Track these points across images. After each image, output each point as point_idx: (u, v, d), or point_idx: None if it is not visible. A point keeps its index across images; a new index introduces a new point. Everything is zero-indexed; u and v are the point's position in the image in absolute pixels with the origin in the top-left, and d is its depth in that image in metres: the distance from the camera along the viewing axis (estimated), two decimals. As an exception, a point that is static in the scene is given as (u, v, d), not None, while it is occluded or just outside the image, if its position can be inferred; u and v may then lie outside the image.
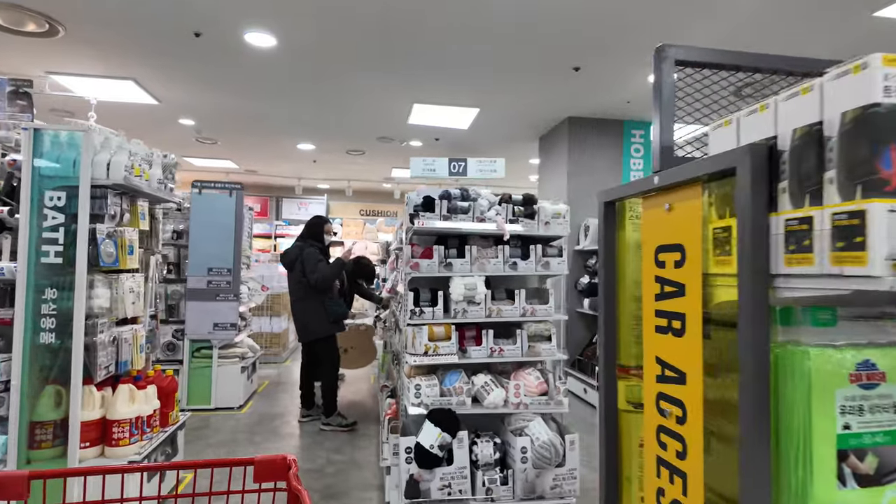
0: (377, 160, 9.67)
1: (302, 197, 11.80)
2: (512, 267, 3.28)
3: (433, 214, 3.24)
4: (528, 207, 3.34)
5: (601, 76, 5.48)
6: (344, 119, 7.25)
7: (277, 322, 8.05)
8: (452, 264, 3.22)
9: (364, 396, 6.44)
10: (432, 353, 3.14)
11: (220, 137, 8.45)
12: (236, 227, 5.92)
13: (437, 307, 3.19)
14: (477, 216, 3.29)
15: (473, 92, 6.07)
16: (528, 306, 3.28)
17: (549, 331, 3.31)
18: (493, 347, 3.22)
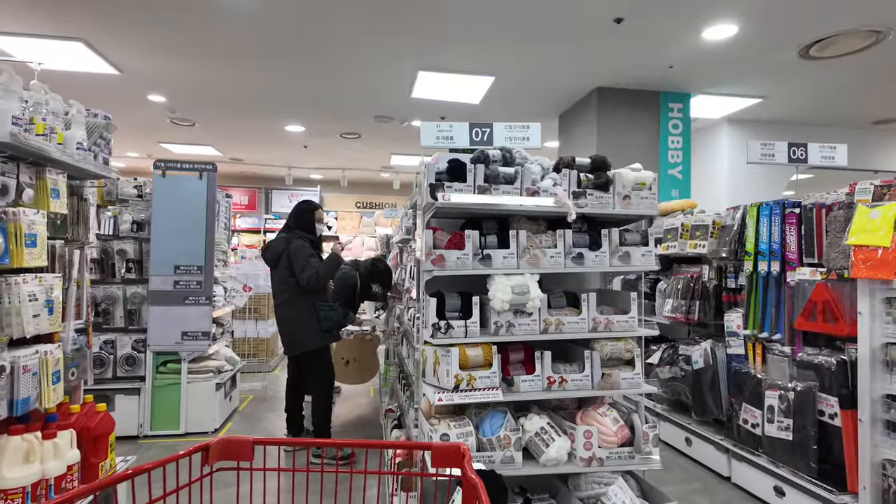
0: (374, 145, 8.58)
1: (293, 188, 10.70)
2: (576, 260, 2.24)
3: (464, 185, 2.19)
4: (598, 175, 2.29)
5: (647, 30, 4.43)
6: (337, 93, 6.17)
7: (264, 326, 6.98)
8: (492, 257, 2.18)
9: (364, 415, 5.38)
10: (466, 388, 2.09)
11: (197, 118, 7.35)
12: (208, 217, 4.84)
13: (470, 319, 2.15)
14: (526, 188, 2.24)
15: (490, 54, 5.01)
16: (600, 317, 2.24)
17: (630, 352, 2.27)
18: (552, 377, 2.18)
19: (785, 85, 5.51)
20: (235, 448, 0.84)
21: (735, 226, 3.96)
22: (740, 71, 5.21)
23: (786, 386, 3.35)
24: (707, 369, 4.12)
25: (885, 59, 4.77)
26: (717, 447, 3.88)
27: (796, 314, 3.37)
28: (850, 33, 4.33)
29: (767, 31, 4.32)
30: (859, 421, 2.90)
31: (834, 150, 3.89)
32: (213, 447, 0.83)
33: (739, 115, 6.59)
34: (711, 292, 4.26)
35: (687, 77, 5.45)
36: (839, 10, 3.95)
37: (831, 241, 3.18)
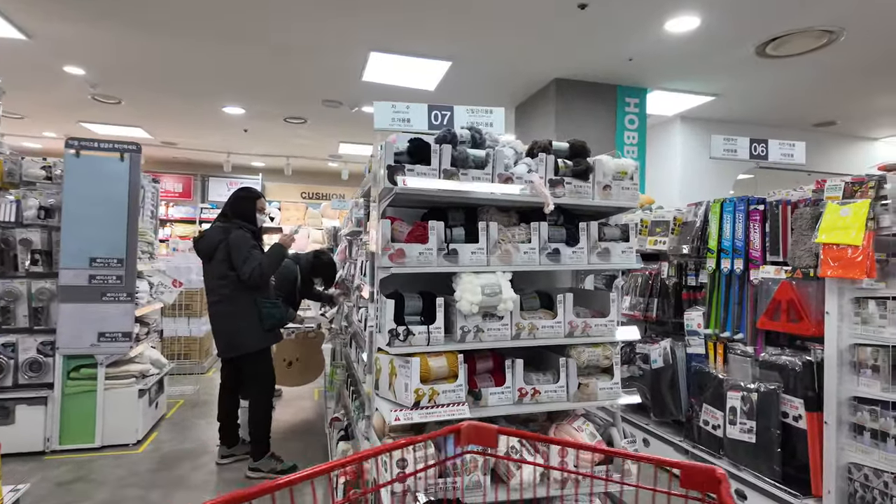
0: (322, 132, 8.10)
1: (232, 175, 10.02)
2: (552, 257, 1.98)
3: (427, 168, 1.88)
4: (578, 161, 2.03)
5: (611, 18, 4.25)
6: (281, 73, 5.68)
7: (196, 324, 6.41)
8: (459, 253, 1.88)
9: (308, 420, 4.98)
10: (427, 405, 1.79)
11: (122, 95, 6.63)
12: (131, 203, 4.29)
13: (434, 324, 1.84)
14: (499, 173, 1.95)
15: (447, 37, 4.70)
16: (577, 320, 1.99)
17: (609, 359, 2.04)
18: (524, 388, 1.92)
19: (739, 83, 5.51)
20: (484, 434, 0.86)
21: (697, 222, 3.86)
22: (698, 67, 5.15)
23: (748, 387, 3.26)
24: (666, 369, 4.01)
25: (835, 61, 4.82)
26: (677, 448, 3.77)
27: (759, 313, 3.28)
28: (805, 32, 4.31)
29: (729, 24, 4.24)
30: (825, 423, 2.82)
31: (793, 148, 3.84)
32: (463, 431, 0.84)
33: (692, 114, 6.60)
34: (671, 290, 4.16)
35: (645, 71, 5.35)
36: (798, 6, 3.90)
37: (797, 239, 3.09)
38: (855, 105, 6.09)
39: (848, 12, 3.98)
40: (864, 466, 2.66)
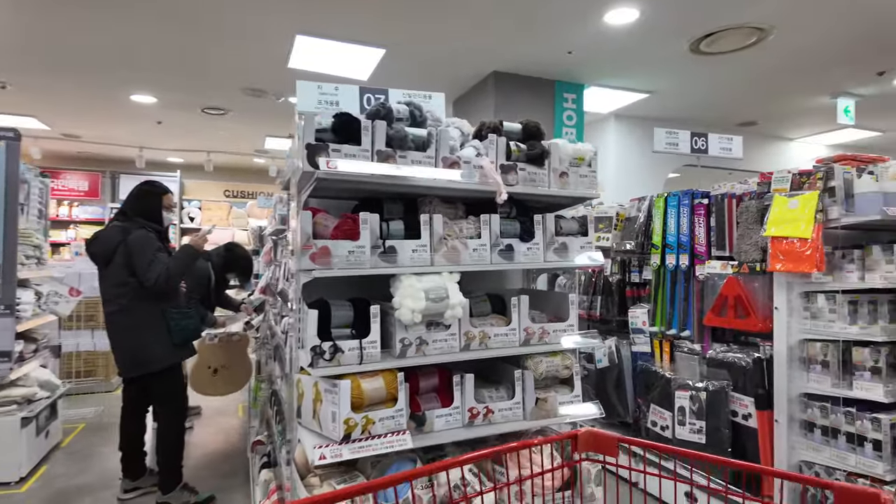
0: (246, 124, 7.48)
1: (146, 172, 9.11)
2: (505, 254, 1.70)
3: (358, 149, 1.54)
4: (532, 145, 1.76)
5: (551, 6, 4.06)
6: (195, 57, 5.11)
7: (101, 337, 5.66)
8: (398, 251, 1.56)
9: (229, 442, 4.47)
10: (360, 437, 1.46)
11: (9, 78, 5.77)
12: (9, 200, 3.63)
13: (368, 338, 1.51)
14: (443, 157, 1.65)
15: (381, 23, 4.35)
16: (533, 326, 1.72)
17: (569, 369, 1.79)
18: (475, 408, 1.63)
19: (673, 80, 5.52)
20: (602, 442, 0.79)
21: (641, 217, 3.74)
22: (634, 62, 5.09)
23: (697, 386, 3.14)
24: (612, 368, 3.87)
25: (762, 60, 4.90)
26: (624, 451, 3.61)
27: (706, 309, 3.19)
28: (738, 29, 4.32)
29: (666, 18, 4.16)
30: (775, 422, 2.74)
31: (731, 142, 3.81)
32: (580, 437, 0.78)
33: (626, 111, 6.60)
34: (615, 287, 4.03)
35: (583, 66, 5.24)
36: (731, 1, 3.88)
37: (742, 233, 2.99)
38: (776, 105, 6.30)
39: (778, 11, 4.00)
40: (816, 464, 2.58)
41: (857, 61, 4.90)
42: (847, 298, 2.46)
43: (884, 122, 6.74)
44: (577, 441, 0.86)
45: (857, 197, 2.45)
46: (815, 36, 4.41)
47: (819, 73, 5.20)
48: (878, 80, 5.28)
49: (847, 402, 2.46)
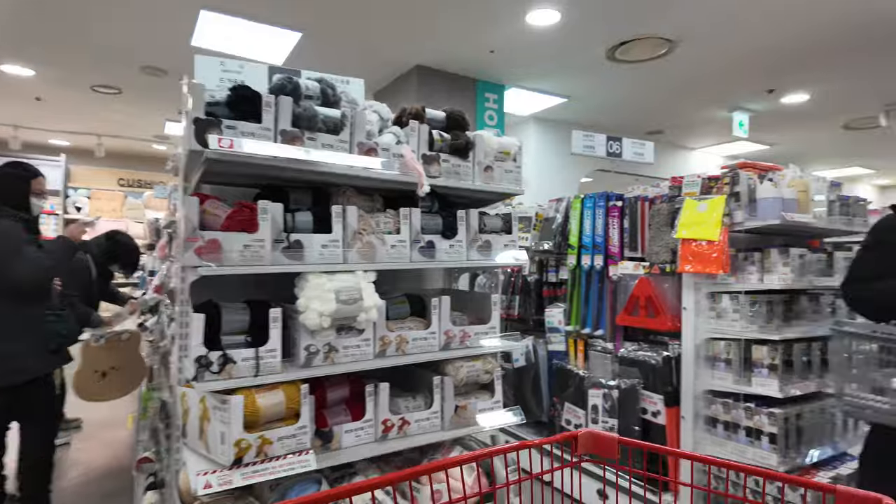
0: (143, 106, 6.77)
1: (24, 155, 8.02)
2: (426, 251, 1.56)
3: (258, 127, 1.33)
4: (456, 135, 1.63)
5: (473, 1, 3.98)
6: (82, 26, 4.51)
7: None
8: (304, 246, 1.36)
9: (114, 458, 3.97)
10: (255, 461, 1.25)
11: None
12: None
13: (266, 346, 1.31)
14: (359, 142, 1.47)
15: (297, 2, 4.06)
16: (454, 329, 1.59)
17: (490, 374, 1.68)
18: (389, 420, 1.47)
19: (590, 86, 5.65)
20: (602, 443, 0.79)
21: (559, 218, 3.76)
22: (554, 65, 5.15)
23: (609, 384, 3.18)
24: (529, 367, 3.86)
25: (671, 71, 5.13)
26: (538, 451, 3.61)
27: (619, 309, 3.25)
28: (649, 39, 4.48)
29: (586, 23, 4.23)
30: (682, 418, 2.82)
31: (643, 147, 3.93)
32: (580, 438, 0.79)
33: (544, 115, 6.71)
34: (533, 287, 4.03)
35: (504, 66, 5.23)
36: (646, 11, 4.00)
37: (654, 235, 3.06)
38: (681, 116, 6.68)
39: (684, 25, 4.19)
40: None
41: (751, 79, 5.28)
42: (748, 299, 2.56)
43: (772, 137, 7.37)
44: (577, 442, 0.86)
45: (760, 202, 2.56)
46: (716, 52, 4.68)
47: (718, 87, 5.55)
48: (768, 98, 5.73)
49: (747, 398, 2.56)
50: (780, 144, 7.85)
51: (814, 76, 5.19)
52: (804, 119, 6.50)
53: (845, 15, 3.92)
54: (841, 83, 5.35)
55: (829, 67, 4.94)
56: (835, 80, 5.26)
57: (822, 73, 5.08)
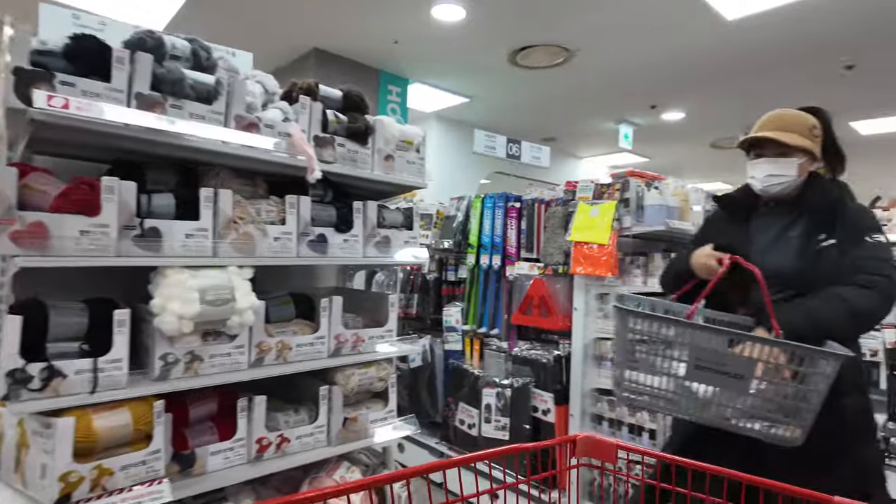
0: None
1: None
2: (316, 246, 1.38)
3: (106, 86, 1.07)
4: (354, 117, 1.47)
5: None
6: None
7: None
8: (163, 234, 1.13)
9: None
10: (89, 498, 1.01)
11: None
12: None
13: (108, 356, 1.06)
14: (237, 115, 1.26)
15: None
16: (346, 333, 1.44)
17: (384, 381, 1.54)
18: (266, 438, 1.28)
19: (491, 88, 5.70)
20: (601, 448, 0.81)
21: (460, 216, 3.71)
22: (458, 63, 5.12)
23: (502, 383, 3.19)
24: (425, 367, 3.77)
25: (567, 80, 5.32)
26: (432, 451, 3.54)
27: (514, 309, 3.26)
28: (548, 47, 4.59)
29: (490, 23, 4.22)
30: (570, 416, 2.89)
31: (540, 151, 4.01)
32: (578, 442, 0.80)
33: (446, 113, 6.68)
34: (432, 285, 3.95)
35: (409, 60, 5.10)
36: (547, 18, 4.08)
37: (549, 237, 3.11)
38: (574, 124, 6.99)
39: (582, 35, 4.34)
40: (602, 453, 2.77)
41: (637, 94, 5.64)
42: (634, 301, 2.66)
43: (652, 150, 7.97)
44: (576, 446, 0.88)
45: (647, 209, 2.68)
46: (609, 65, 4.92)
47: (608, 99, 5.86)
48: (650, 113, 6.16)
49: (631, 396, 2.66)
50: (657, 157, 8.53)
51: (690, 96, 5.66)
52: (679, 135, 7.10)
53: (723, 42, 4.29)
54: (712, 104, 5.90)
55: (703, 89, 5.41)
56: (707, 101, 5.78)
57: (697, 93, 5.55)
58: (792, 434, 1.00)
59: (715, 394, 1.03)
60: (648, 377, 1.10)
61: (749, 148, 1.45)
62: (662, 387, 1.09)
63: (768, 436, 1.01)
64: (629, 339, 1.10)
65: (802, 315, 1.18)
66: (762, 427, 1.02)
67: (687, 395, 1.06)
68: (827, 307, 1.19)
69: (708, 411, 1.05)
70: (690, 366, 1.04)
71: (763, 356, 1.01)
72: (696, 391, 1.04)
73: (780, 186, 1.36)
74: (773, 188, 1.37)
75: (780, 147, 1.35)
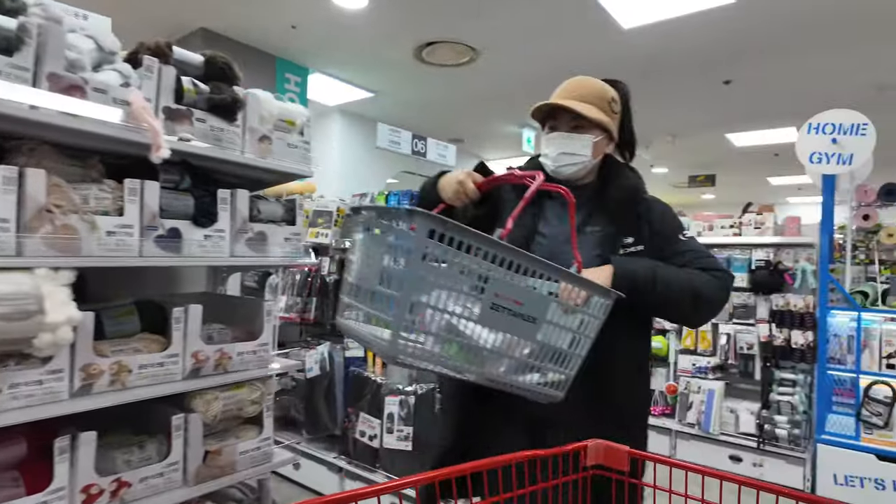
0: None
1: None
2: (167, 243, 1.12)
3: None
4: (217, 87, 1.22)
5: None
6: None
7: None
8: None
9: None
10: None
11: None
12: None
13: None
14: (51, 72, 0.97)
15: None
16: (207, 349, 1.19)
17: (259, 403, 1.30)
18: (97, 485, 1.01)
19: (396, 83, 5.51)
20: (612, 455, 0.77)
21: (361, 214, 3.50)
22: (362, 55, 4.88)
23: (406, 389, 3.02)
24: (323, 377, 3.50)
25: (474, 81, 5.27)
26: (330, 467, 3.30)
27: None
28: (454, 44, 4.51)
29: (394, 13, 4.04)
30: (475, 421, 2.78)
31: (447, 150, 3.91)
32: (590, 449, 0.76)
33: (350, 108, 6.40)
34: (332, 287, 3.68)
35: (309, 48, 4.78)
36: (453, 14, 3.99)
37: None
38: (480, 126, 7.00)
39: (488, 35, 4.30)
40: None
41: (538, 97, 5.71)
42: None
43: (551, 155, 8.20)
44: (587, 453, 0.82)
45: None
46: (512, 67, 4.94)
47: (512, 102, 5.91)
48: (551, 118, 6.30)
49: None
50: (558, 162, 8.81)
51: (588, 103, 5.84)
52: (578, 141, 7.36)
53: (619, 50, 4.44)
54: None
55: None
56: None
57: (595, 101, 5.74)
58: (560, 388, 0.88)
59: (504, 342, 0.80)
60: (436, 322, 0.75)
61: (544, 120, 1.27)
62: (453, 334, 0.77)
63: (538, 391, 0.87)
64: (422, 270, 0.71)
65: (648, 268, 1.07)
66: (538, 379, 0.88)
67: (469, 345, 0.79)
68: (675, 274, 1.08)
69: (485, 366, 0.81)
70: (486, 306, 0.77)
71: (565, 296, 0.84)
72: (483, 340, 0.79)
73: (574, 168, 1.18)
74: (566, 169, 1.18)
75: (577, 120, 1.18)
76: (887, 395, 2.96)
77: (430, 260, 0.71)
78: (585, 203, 1.18)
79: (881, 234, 3.22)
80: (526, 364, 0.84)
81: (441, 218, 0.72)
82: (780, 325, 3.43)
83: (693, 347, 3.91)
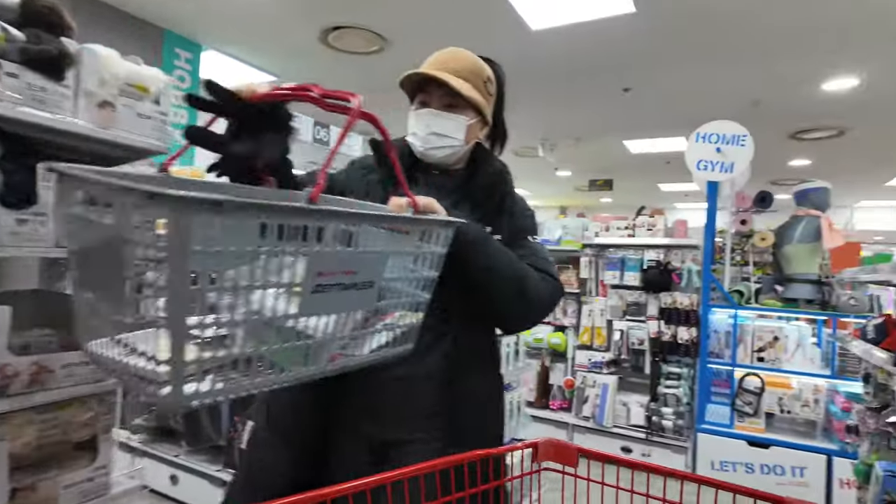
0: None
1: None
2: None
3: None
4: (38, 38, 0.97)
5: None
6: None
7: None
8: None
9: None
10: None
11: None
12: None
13: None
14: None
15: None
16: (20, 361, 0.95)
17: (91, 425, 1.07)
18: None
19: (301, 68, 5.19)
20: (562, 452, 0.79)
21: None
22: (263, 34, 4.54)
23: (300, 395, 2.82)
24: (207, 382, 3.19)
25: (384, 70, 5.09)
26: (213, 481, 3.00)
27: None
28: (363, 30, 4.32)
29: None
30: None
31: (353, 139, 3.71)
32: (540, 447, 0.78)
33: (251, 92, 5.97)
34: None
35: (202, 22, 4.36)
36: (362, 1, 3.81)
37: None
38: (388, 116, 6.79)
39: (393, 23, 4.15)
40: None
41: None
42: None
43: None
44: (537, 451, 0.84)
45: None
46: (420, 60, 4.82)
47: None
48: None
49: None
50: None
51: (497, 102, 5.88)
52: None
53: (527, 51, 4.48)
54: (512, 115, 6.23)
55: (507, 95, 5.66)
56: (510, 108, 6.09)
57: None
58: (410, 340, 0.78)
59: (337, 323, 0.62)
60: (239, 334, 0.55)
61: (414, 92, 1.16)
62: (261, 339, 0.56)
63: (389, 353, 0.74)
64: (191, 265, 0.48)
65: (485, 231, 1.00)
66: (386, 338, 0.72)
67: (293, 344, 0.59)
68: (509, 253, 1.01)
69: (319, 358, 0.62)
70: (307, 289, 0.57)
71: (403, 245, 0.72)
72: (311, 331, 0.60)
73: (446, 152, 1.08)
74: (437, 152, 1.09)
75: (451, 97, 1.08)
76: (757, 385, 3.21)
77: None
78: (454, 190, 1.10)
79: (755, 237, 3.51)
80: (369, 332, 0.71)
81: (211, 200, 0.45)
82: (668, 322, 3.62)
83: (590, 343, 4.05)
